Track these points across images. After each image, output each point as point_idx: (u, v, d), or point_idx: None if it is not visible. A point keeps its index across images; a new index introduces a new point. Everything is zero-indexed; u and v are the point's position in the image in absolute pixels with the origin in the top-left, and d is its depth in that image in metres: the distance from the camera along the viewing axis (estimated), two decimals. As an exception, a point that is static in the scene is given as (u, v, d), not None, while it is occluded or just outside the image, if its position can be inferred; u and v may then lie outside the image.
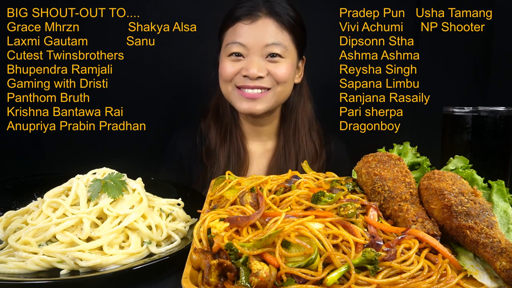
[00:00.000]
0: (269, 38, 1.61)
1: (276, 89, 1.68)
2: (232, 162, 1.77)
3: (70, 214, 1.01)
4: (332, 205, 0.92)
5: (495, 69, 2.26)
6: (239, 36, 1.62)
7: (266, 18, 1.62)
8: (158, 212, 1.12)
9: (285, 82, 1.67)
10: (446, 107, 1.34)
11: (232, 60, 1.65)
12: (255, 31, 1.61)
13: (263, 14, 1.62)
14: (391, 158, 1.10)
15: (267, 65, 1.63)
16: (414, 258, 0.79)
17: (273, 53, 1.62)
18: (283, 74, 1.65)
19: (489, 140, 1.27)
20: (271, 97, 1.68)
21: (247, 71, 1.61)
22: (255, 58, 1.62)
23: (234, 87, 1.67)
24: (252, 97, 1.65)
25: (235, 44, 1.62)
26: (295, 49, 1.70)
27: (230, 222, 0.88)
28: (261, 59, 1.63)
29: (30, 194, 1.23)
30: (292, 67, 1.68)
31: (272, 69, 1.63)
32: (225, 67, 1.66)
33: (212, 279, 0.74)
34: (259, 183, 1.08)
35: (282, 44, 1.63)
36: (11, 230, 1.04)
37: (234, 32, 1.64)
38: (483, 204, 0.89)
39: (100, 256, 0.94)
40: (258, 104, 1.66)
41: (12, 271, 0.91)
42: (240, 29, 1.62)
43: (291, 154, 1.79)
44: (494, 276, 0.79)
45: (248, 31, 1.61)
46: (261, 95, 1.66)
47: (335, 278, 0.73)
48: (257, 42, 1.60)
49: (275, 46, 1.61)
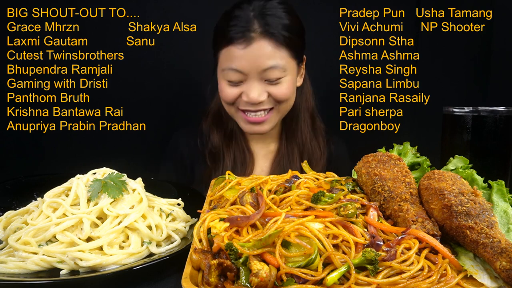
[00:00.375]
0: (267, 62, 1.51)
1: (279, 108, 1.65)
2: (238, 164, 1.76)
3: (70, 214, 1.01)
4: (332, 205, 0.92)
5: (495, 69, 2.26)
6: (235, 62, 1.53)
7: (261, 40, 1.50)
8: (158, 212, 1.12)
9: (287, 100, 1.64)
10: (446, 107, 1.34)
11: (231, 85, 1.59)
12: (250, 56, 1.51)
13: (257, 34, 1.50)
14: (391, 158, 1.10)
15: (266, 88, 1.57)
16: (414, 258, 0.79)
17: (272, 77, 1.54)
18: (285, 94, 1.60)
19: (489, 140, 1.27)
20: (276, 115, 1.66)
21: (248, 97, 1.56)
22: (254, 83, 1.55)
23: (237, 109, 1.64)
24: (256, 121, 1.62)
25: (232, 70, 1.54)
26: (294, 61, 1.62)
27: (230, 222, 0.88)
28: (260, 83, 1.56)
29: (30, 194, 1.23)
30: (292, 81, 1.63)
31: (272, 90, 1.57)
32: (225, 92, 1.60)
33: (212, 279, 0.74)
34: (259, 183, 1.08)
35: (280, 64, 1.54)
36: (11, 230, 1.04)
37: (229, 56, 1.54)
38: (483, 204, 0.89)
39: (100, 256, 0.94)
40: (262, 126, 1.65)
41: (12, 271, 0.92)
42: (234, 54, 1.52)
43: (294, 153, 1.78)
44: (494, 276, 0.79)
45: (243, 56, 1.51)
46: (266, 118, 1.63)
47: (335, 278, 0.73)
48: (254, 67, 1.52)
49: (273, 69, 1.53)
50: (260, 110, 1.61)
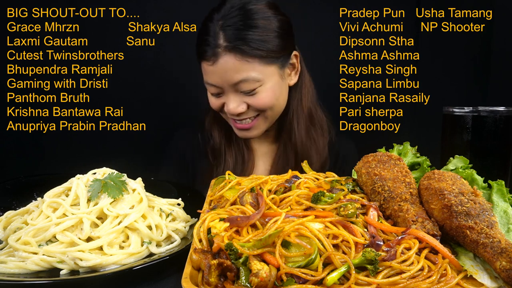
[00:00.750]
0: (234, 76, 1.48)
1: (264, 114, 1.61)
2: (238, 162, 1.75)
3: (70, 214, 1.01)
4: (332, 205, 0.92)
5: (495, 69, 2.26)
6: (208, 77, 1.54)
7: (226, 55, 1.45)
8: (158, 212, 1.12)
9: (271, 107, 1.59)
10: (446, 107, 1.34)
11: (214, 96, 1.60)
12: (219, 71, 1.49)
13: (222, 49, 1.45)
14: (391, 158, 1.10)
15: (244, 99, 1.54)
16: (414, 258, 0.79)
17: (245, 90, 1.51)
18: (264, 103, 1.55)
19: (489, 140, 1.27)
20: (263, 121, 1.63)
21: (227, 109, 1.56)
22: (230, 95, 1.54)
23: (227, 116, 1.65)
24: (243, 127, 1.62)
25: (208, 85, 1.57)
26: (273, 66, 1.54)
27: (230, 222, 0.88)
28: (237, 95, 1.53)
29: (30, 194, 1.23)
30: (273, 88, 1.56)
31: (251, 101, 1.54)
32: (211, 102, 1.62)
33: (212, 279, 0.74)
34: (259, 183, 1.08)
35: (250, 77, 1.48)
36: (11, 230, 1.04)
37: (204, 71, 1.56)
38: (483, 204, 0.89)
39: (100, 256, 0.94)
40: (251, 132, 1.64)
41: (12, 271, 0.91)
42: (206, 69, 1.53)
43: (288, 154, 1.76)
44: (494, 276, 0.79)
45: (213, 71, 1.50)
46: (252, 124, 1.61)
47: (335, 278, 0.73)
48: (225, 81, 1.50)
49: (244, 83, 1.49)
50: (245, 118, 1.60)
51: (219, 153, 1.75)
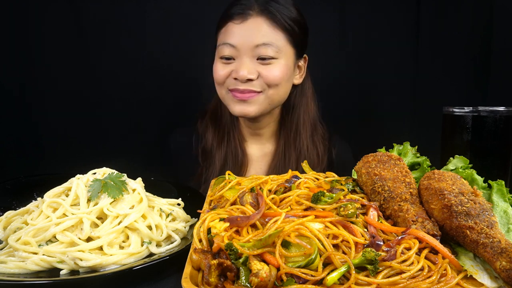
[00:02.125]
0: (260, 38, 1.54)
1: (267, 92, 1.61)
2: (229, 164, 1.74)
3: (70, 214, 1.01)
4: (332, 205, 0.92)
5: (495, 69, 2.26)
6: (229, 37, 1.57)
7: (258, 17, 1.55)
8: (158, 212, 1.12)
9: (277, 85, 1.60)
10: (446, 107, 1.34)
11: (223, 62, 1.61)
12: (245, 31, 1.55)
13: (255, 12, 1.55)
14: (391, 158, 1.10)
15: (258, 67, 1.56)
16: (414, 258, 0.79)
17: (264, 55, 1.55)
18: (275, 77, 1.57)
19: (489, 140, 1.27)
20: (263, 99, 1.62)
21: (237, 73, 1.55)
22: (245, 59, 1.55)
23: (227, 90, 1.63)
24: (243, 98, 1.60)
25: (225, 45, 1.57)
26: (292, 49, 1.62)
27: (230, 222, 0.88)
28: (252, 61, 1.56)
29: (30, 194, 1.23)
30: (286, 68, 1.61)
31: (263, 71, 1.56)
32: (217, 70, 1.62)
33: (212, 279, 0.74)
34: (259, 183, 1.08)
35: (274, 44, 1.55)
36: (11, 230, 1.04)
37: (226, 32, 1.59)
38: (483, 204, 0.89)
39: (100, 256, 0.94)
40: (250, 106, 1.61)
41: (12, 271, 0.91)
42: (231, 29, 1.57)
43: (291, 158, 1.74)
44: (494, 276, 0.79)
45: (238, 31, 1.55)
46: (253, 96, 1.60)
47: (335, 278, 0.73)
48: (247, 42, 1.54)
49: (266, 47, 1.54)
50: (248, 91, 1.59)
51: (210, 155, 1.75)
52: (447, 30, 2.30)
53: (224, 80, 1.62)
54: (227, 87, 1.63)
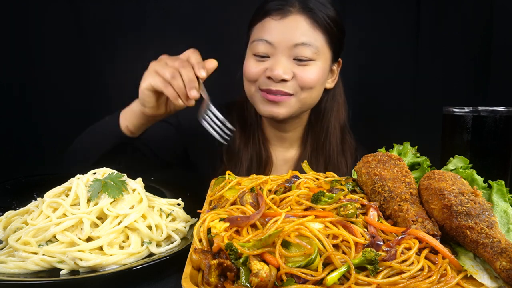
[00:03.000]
0: (299, 37, 1.46)
1: (300, 95, 1.53)
2: (253, 166, 1.67)
3: (70, 214, 1.01)
4: (332, 205, 0.92)
5: (495, 69, 2.26)
6: (266, 33, 1.49)
7: (298, 14, 1.47)
8: (158, 212, 1.12)
9: (311, 88, 1.52)
10: (446, 107, 1.34)
11: (257, 59, 1.52)
12: (284, 28, 1.47)
13: (295, 9, 1.48)
14: (391, 158, 1.10)
15: (294, 68, 1.49)
16: (414, 258, 0.79)
17: (302, 55, 1.47)
18: (311, 80, 1.50)
19: (489, 140, 1.27)
20: (295, 102, 1.54)
21: (272, 72, 1.47)
22: (281, 58, 1.47)
23: (257, 89, 1.55)
24: (274, 100, 1.52)
25: (261, 41, 1.49)
26: (329, 51, 1.55)
27: (230, 222, 0.88)
28: (288, 60, 1.48)
29: (30, 194, 1.22)
30: (322, 71, 1.53)
31: (299, 72, 1.49)
32: (249, 66, 1.54)
33: (212, 279, 0.74)
34: (259, 183, 1.08)
35: (314, 44, 1.48)
36: (11, 230, 1.04)
37: (262, 28, 1.51)
38: (483, 204, 0.89)
39: (100, 256, 0.94)
40: (280, 108, 1.53)
41: (12, 271, 0.91)
42: (268, 25, 1.49)
43: (318, 165, 1.66)
44: (494, 276, 0.79)
45: (276, 27, 1.47)
46: (284, 98, 1.52)
47: (335, 278, 0.73)
48: (285, 40, 1.46)
49: (305, 47, 1.46)
50: (280, 92, 1.51)
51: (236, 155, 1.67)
52: (447, 30, 2.30)
53: (256, 78, 1.54)
54: (258, 86, 1.55)
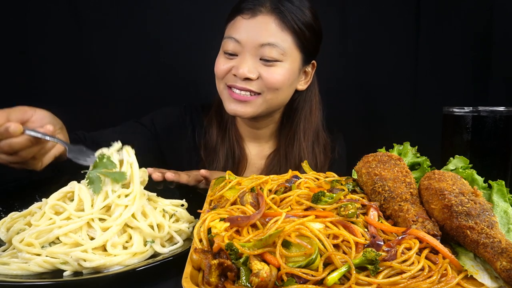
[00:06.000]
0: (266, 37, 1.48)
1: (266, 95, 1.55)
2: (229, 162, 1.71)
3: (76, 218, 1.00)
4: (332, 205, 0.92)
5: (495, 69, 2.26)
6: (236, 31, 1.51)
7: (268, 15, 1.49)
8: (161, 213, 1.12)
9: (277, 89, 1.54)
10: (446, 107, 1.34)
11: (226, 57, 1.55)
12: (252, 27, 1.49)
13: (266, 10, 1.49)
14: (391, 158, 1.10)
15: (259, 68, 1.50)
16: (415, 258, 0.80)
17: (268, 56, 1.49)
18: (276, 80, 1.51)
19: (489, 140, 1.27)
20: (261, 103, 1.56)
21: (237, 70, 1.50)
22: (248, 57, 1.49)
23: (225, 85, 1.58)
24: (239, 98, 1.54)
25: (230, 39, 1.52)
26: (299, 53, 1.56)
27: (230, 222, 0.88)
28: (255, 60, 1.50)
29: (32, 196, 1.23)
30: (289, 72, 1.54)
31: (264, 73, 1.50)
32: (219, 64, 1.56)
33: (213, 279, 0.75)
34: (260, 183, 1.09)
35: (281, 46, 1.49)
36: (14, 231, 1.04)
37: (233, 26, 1.54)
38: (484, 204, 0.90)
39: (104, 256, 0.94)
40: (246, 107, 1.56)
41: (15, 272, 0.91)
42: (238, 23, 1.52)
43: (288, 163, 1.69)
44: (495, 276, 0.79)
45: (245, 26, 1.50)
46: (249, 99, 1.54)
47: (336, 278, 0.73)
48: (252, 40, 1.48)
49: (271, 47, 1.48)
50: (246, 89, 1.53)
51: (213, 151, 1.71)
52: (447, 30, 2.30)
53: (224, 75, 1.57)
54: (225, 82, 1.57)
